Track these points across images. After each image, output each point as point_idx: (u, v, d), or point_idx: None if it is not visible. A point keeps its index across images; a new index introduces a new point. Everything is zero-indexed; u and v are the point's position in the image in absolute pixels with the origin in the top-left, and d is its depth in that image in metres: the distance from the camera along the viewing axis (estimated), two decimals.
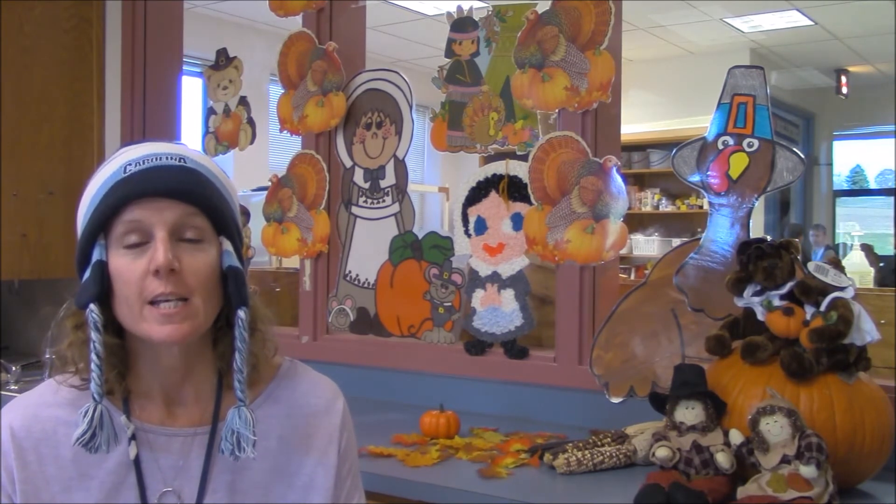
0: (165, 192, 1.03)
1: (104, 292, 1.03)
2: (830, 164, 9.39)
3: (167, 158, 1.06)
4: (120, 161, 1.06)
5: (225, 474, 1.10)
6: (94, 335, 1.01)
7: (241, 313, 1.05)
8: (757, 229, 2.10)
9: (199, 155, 1.11)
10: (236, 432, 1.04)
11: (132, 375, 1.09)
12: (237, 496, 1.10)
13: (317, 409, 1.17)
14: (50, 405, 1.09)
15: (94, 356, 1.01)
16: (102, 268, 1.03)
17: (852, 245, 6.18)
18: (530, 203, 2.16)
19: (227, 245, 1.08)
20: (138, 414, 1.09)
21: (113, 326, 1.05)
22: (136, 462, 1.07)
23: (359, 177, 2.50)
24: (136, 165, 1.04)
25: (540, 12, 2.14)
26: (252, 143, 2.76)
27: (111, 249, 1.04)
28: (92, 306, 1.01)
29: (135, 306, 1.02)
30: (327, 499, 1.14)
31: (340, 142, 2.54)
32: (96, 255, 1.03)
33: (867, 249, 6.30)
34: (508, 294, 2.22)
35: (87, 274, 1.04)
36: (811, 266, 1.61)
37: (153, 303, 1.02)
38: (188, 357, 1.09)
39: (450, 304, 2.31)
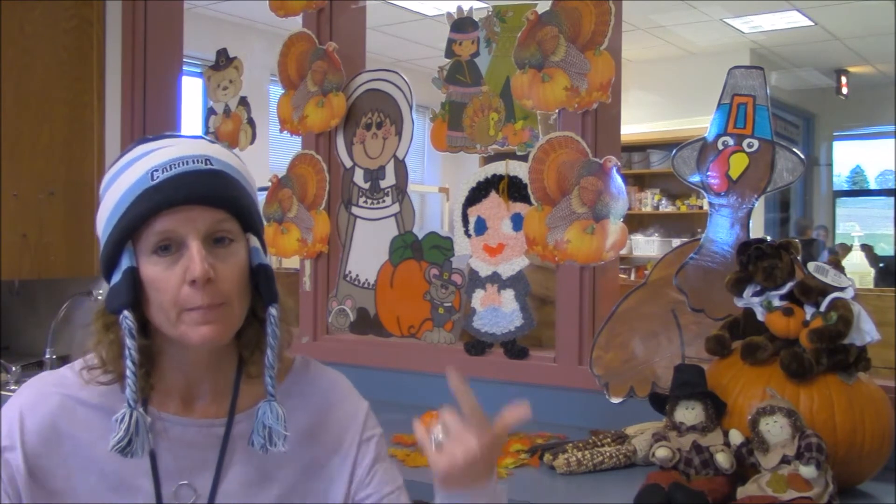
0: (195, 199, 1.03)
1: (137, 298, 1.03)
2: (830, 165, 9.39)
3: (193, 162, 1.04)
4: (144, 166, 1.04)
5: (240, 467, 1.11)
6: (129, 342, 1.01)
7: (273, 310, 1.07)
8: (757, 229, 2.10)
9: (222, 151, 1.10)
10: (268, 427, 1.06)
11: (155, 373, 1.09)
12: (252, 489, 1.11)
13: (332, 403, 1.18)
14: (71, 386, 1.09)
15: (129, 363, 1.01)
16: (134, 274, 1.02)
17: (852, 245, 6.19)
18: (530, 203, 2.16)
19: (255, 242, 1.08)
20: (157, 405, 1.10)
21: (140, 327, 1.05)
22: (152, 453, 1.08)
23: (359, 177, 2.50)
24: (162, 172, 1.03)
25: (540, 13, 2.14)
26: (252, 143, 2.76)
27: (141, 256, 1.03)
28: (126, 313, 1.01)
29: (171, 313, 1.02)
30: (345, 492, 1.15)
31: (340, 142, 2.54)
32: (126, 262, 1.03)
33: (867, 250, 6.30)
34: (508, 294, 2.22)
35: (116, 278, 1.04)
36: (811, 266, 1.61)
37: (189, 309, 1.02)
38: (214, 352, 1.10)
39: (450, 304, 2.31)
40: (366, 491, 1.17)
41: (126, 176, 1.05)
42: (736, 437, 1.54)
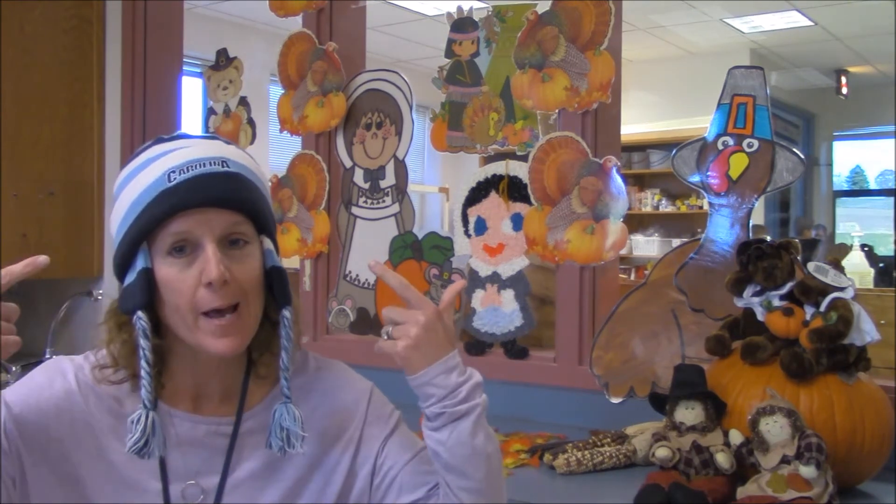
0: (212, 201, 1.03)
1: (151, 299, 1.03)
2: (830, 165, 9.39)
3: (210, 164, 1.04)
4: (162, 167, 1.04)
5: (247, 465, 1.12)
6: (143, 342, 1.01)
7: (287, 313, 1.08)
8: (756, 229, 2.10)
9: (237, 152, 1.10)
10: (286, 429, 1.07)
11: (166, 372, 1.10)
12: (258, 486, 1.12)
13: (334, 395, 1.19)
14: (87, 377, 1.10)
15: (143, 363, 1.01)
16: (149, 275, 1.03)
17: (852, 245, 6.18)
18: (530, 203, 2.16)
19: (269, 244, 1.09)
20: (167, 401, 1.10)
21: (153, 327, 1.05)
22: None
23: (359, 177, 2.50)
24: (179, 173, 1.03)
25: (540, 13, 2.14)
26: (252, 143, 2.76)
27: (156, 257, 1.03)
28: (140, 314, 1.02)
29: (188, 317, 1.03)
30: (342, 481, 1.15)
31: (340, 142, 2.54)
32: (141, 263, 1.03)
33: (867, 250, 6.29)
34: (508, 294, 2.22)
35: (130, 278, 1.04)
36: (811, 266, 1.61)
37: (207, 313, 1.02)
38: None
39: None
40: (386, 465, 1.17)
41: (143, 176, 1.05)
42: (736, 437, 1.54)
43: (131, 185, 1.05)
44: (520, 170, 2.19)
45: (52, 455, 1.05)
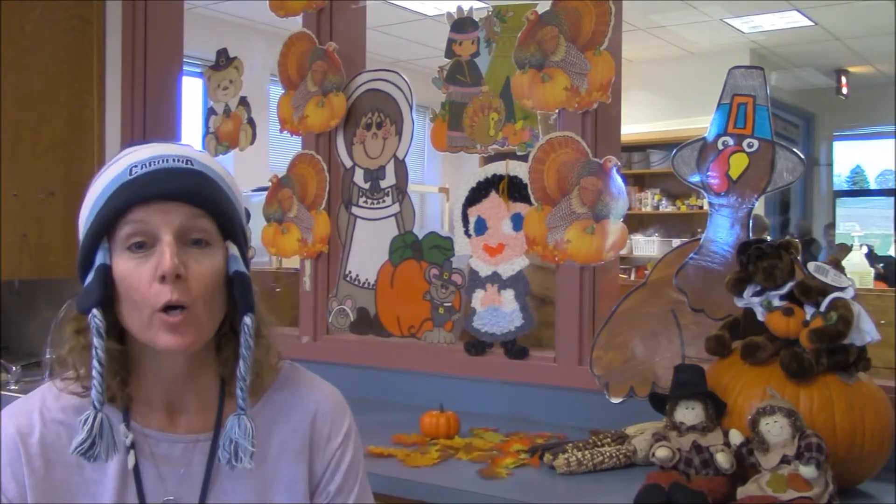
0: (172, 194, 1.01)
1: (108, 297, 1.01)
2: (830, 165, 9.39)
3: (174, 160, 1.03)
4: (125, 163, 1.03)
5: (226, 481, 1.09)
6: (96, 341, 0.99)
7: (248, 320, 1.04)
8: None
9: (205, 157, 1.09)
10: (234, 441, 1.02)
11: (134, 382, 1.07)
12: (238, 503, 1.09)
13: (315, 420, 1.15)
14: (52, 409, 1.07)
15: (95, 363, 0.99)
16: (106, 272, 1.00)
17: (852, 245, 6.18)
18: (530, 203, 2.16)
19: (234, 249, 1.06)
20: (140, 420, 1.08)
21: (115, 332, 1.03)
22: (136, 471, 1.06)
23: (359, 177, 2.50)
24: (141, 167, 1.02)
25: (540, 13, 2.14)
26: (252, 143, 2.76)
27: (115, 253, 1.01)
28: (95, 311, 0.99)
29: (143, 312, 1.00)
30: None
31: (340, 142, 2.54)
32: (100, 259, 1.01)
33: (867, 250, 6.30)
34: (508, 294, 2.22)
35: (90, 278, 1.02)
36: (811, 266, 1.61)
37: (162, 310, 1.00)
38: (191, 363, 1.08)
39: (450, 304, 2.31)
40: None
41: (107, 173, 1.05)
42: (736, 437, 1.54)
43: (96, 183, 1.05)
44: (520, 170, 2.19)
45: (51, 496, 1.05)
